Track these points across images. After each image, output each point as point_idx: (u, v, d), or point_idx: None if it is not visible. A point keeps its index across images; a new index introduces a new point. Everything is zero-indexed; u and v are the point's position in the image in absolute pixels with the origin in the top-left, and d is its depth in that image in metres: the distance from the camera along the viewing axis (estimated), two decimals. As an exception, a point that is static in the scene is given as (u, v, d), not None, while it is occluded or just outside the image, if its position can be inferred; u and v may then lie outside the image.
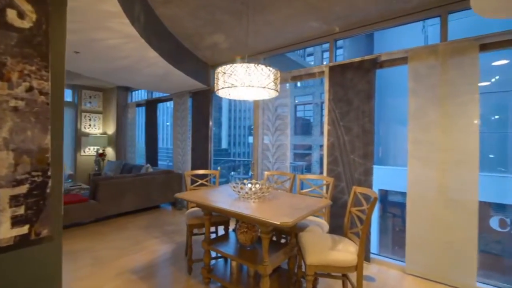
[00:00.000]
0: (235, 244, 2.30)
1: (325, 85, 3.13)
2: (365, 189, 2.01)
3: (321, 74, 3.25)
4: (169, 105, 5.36)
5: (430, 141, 2.46)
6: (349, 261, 1.75)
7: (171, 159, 5.34)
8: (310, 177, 2.95)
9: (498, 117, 8.17)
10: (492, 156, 7.92)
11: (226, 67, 2.03)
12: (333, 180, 2.59)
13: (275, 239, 2.55)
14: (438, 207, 2.41)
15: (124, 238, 3.36)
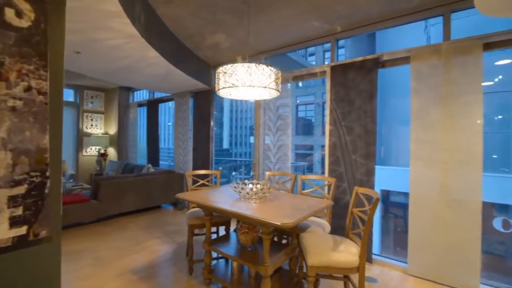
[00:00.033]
0: (236, 244, 2.29)
1: (327, 85, 3.12)
2: (367, 190, 1.99)
3: (322, 74, 3.24)
4: (171, 105, 5.37)
5: (432, 141, 2.43)
6: (350, 262, 1.74)
7: (173, 159, 5.35)
8: (311, 178, 2.93)
9: (501, 117, 8.12)
10: (495, 156, 7.87)
11: (227, 67, 2.02)
12: (335, 180, 2.57)
13: (276, 240, 2.54)
14: (440, 207, 2.38)
15: (125, 238, 3.36)
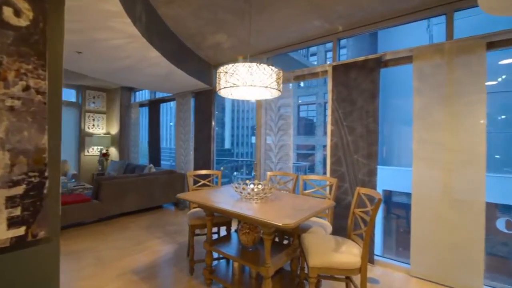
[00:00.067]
0: (237, 245, 2.28)
1: (329, 84, 3.10)
2: (369, 190, 1.98)
3: (324, 73, 3.22)
4: (173, 105, 5.37)
5: (435, 141, 2.41)
6: (352, 263, 1.72)
7: (174, 159, 5.35)
8: (313, 178, 2.92)
9: (504, 117, 8.06)
10: (498, 156, 7.81)
11: (228, 67, 2.01)
12: (337, 180, 2.56)
13: (277, 240, 2.53)
14: (443, 208, 2.36)
15: (126, 238, 3.36)
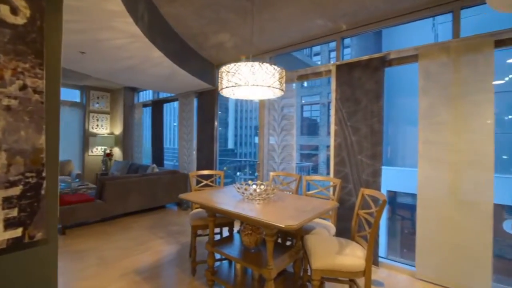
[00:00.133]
0: (239, 246, 2.25)
1: (332, 84, 3.06)
2: (373, 191, 1.94)
3: (328, 73, 3.18)
4: (176, 106, 5.39)
5: (441, 142, 2.37)
6: (356, 266, 1.69)
7: (178, 159, 5.35)
8: (316, 178, 2.88)
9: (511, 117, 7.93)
10: (505, 157, 7.68)
11: (230, 66, 1.99)
12: (340, 181, 2.52)
13: (280, 242, 2.50)
14: (450, 209, 2.31)
15: (129, 238, 3.36)
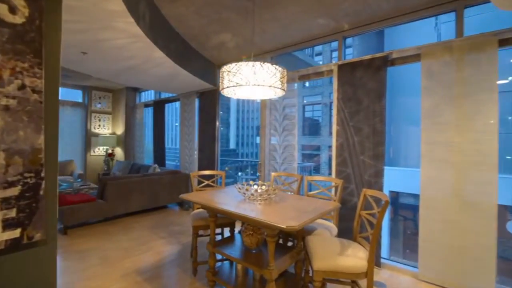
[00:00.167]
0: (240, 246, 2.24)
1: (334, 84, 3.05)
2: (375, 192, 1.92)
3: (329, 73, 3.17)
4: (178, 106, 5.39)
5: (444, 141, 2.34)
6: (358, 267, 1.67)
7: (180, 159, 5.35)
8: (318, 179, 2.86)
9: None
10: (509, 157, 7.62)
11: (231, 66, 1.98)
12: (342, 182, 2.51)
13: (281, 242, 2.49)
14: (453, 210, 2.29)
15: (130, 238, 3.36)
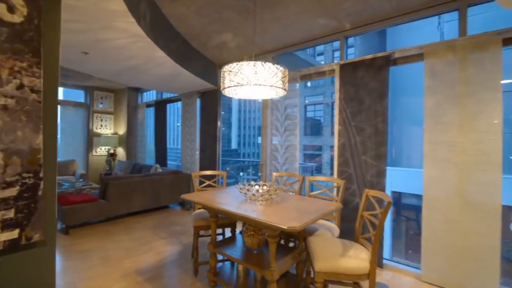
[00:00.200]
0: (241, 247, 2.23)
1: (336, 84, 3.03)
2: (378, 193, 1.91)
3: (331, 72, 3.15)
4: (180, 106, 5.39)
5: (447, 141, 2.32)
6: (360, 268, 1.66)
7: (181, 159, 5.35)
8: (319, 179, 2.85)
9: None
10: (512, 157, 7.55)
11: (232, 66, 1.97)
12: (344, 182, 2.49)
13: (283, 243, 2.47)
14: (456, 210, 2.27)
15: (132, 238, 3.36)
